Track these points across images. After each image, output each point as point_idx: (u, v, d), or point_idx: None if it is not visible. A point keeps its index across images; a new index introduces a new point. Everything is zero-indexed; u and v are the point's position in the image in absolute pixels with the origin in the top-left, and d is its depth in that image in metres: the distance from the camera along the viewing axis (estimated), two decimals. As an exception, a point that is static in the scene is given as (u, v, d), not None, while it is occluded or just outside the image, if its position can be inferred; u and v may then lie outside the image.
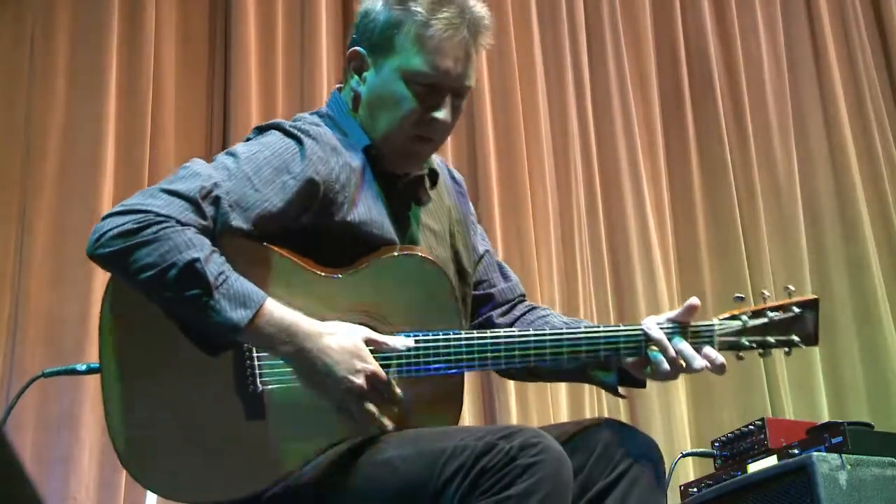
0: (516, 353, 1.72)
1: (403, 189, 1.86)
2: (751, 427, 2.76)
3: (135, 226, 1.58)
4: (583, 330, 1.76)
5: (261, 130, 1.81)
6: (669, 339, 1.74)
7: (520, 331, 1.76)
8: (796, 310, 1.84)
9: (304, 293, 1.68)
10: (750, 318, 1.81)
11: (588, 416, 3.80)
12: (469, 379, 2.41)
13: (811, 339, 1.85)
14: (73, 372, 2.36)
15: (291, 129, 1.77)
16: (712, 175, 4.47)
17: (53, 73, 3.51)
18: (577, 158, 4.25)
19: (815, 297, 1.87)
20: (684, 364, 1.74)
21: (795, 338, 1.84)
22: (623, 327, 1.77)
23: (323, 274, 1.71)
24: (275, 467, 1.63)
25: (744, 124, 4.57)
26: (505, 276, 2.03)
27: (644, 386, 1.87)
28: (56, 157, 3.43)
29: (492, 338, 1.72)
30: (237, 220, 1.65)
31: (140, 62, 3.59)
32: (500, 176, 4.04)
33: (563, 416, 3.74)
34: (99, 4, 3.58)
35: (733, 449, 2.80)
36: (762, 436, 2.71)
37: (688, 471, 3.70)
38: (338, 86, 1.94)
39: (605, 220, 4.23)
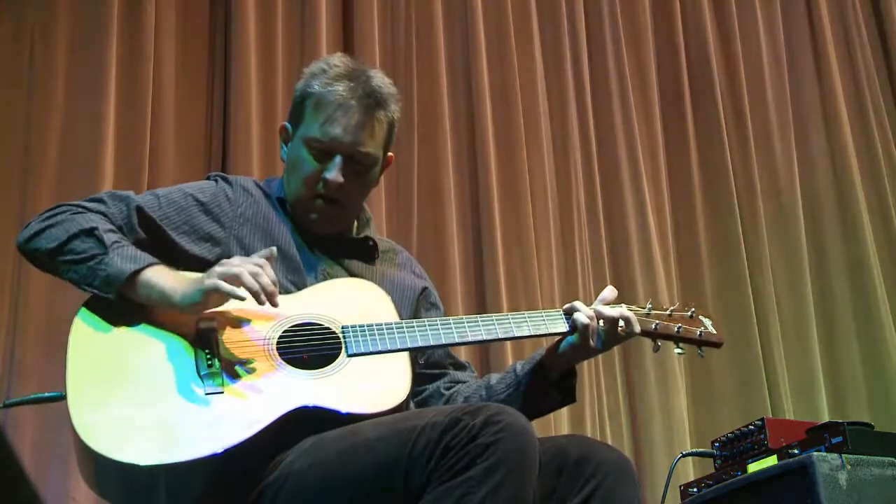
0: (453, 329, 1.93)
1: (327, 245, 2.09)
2: (751, 427, 2.76)
3: (49, 213, 1.93)
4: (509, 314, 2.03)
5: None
6: None
7: (454, 318, 1.99)
8: (691, 310, 2.15)
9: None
10: (652, 308, 2.11)
11: (588, 415, 3.80)
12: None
13: (714, 338, 2.14)
14: (37, 401, 2.28)
15: (214, 175, 2.13)
16: (712, 175, 4.46)
17: (53, 73, 3.51)
18: (577, 158, 4.24)
19: (708, 311, 2.21)
20: (600, 319, 1.98)
21: (698, 330, 2.12)
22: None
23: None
24: (242, 429, 1.69)
25: (744, 124, 4.57)
26: (459, 366, 2.23)
27: (573, 399, 2.09)
28: (56, 157, 3.42)
29: (429, 320, 1.95)
30: (140, 219, 1.96)
31: (140, 62, 3.58)
32: (500, 176, 4.04)
33: (563, 416, 3.74)
34: (99, 4, 3.58)
35: (733, 449, 2.80)
36: (762, 436, 2.70)
37: (688, 471, 3.70)
38: None
39: (605, 220, 4.23)
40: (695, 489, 2.87)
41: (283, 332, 1.86)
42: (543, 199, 4.09)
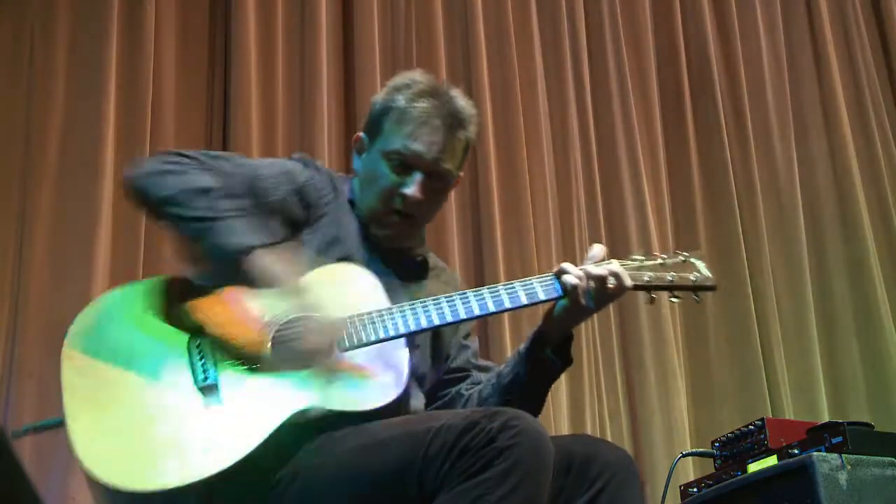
0: (444, 307, 1.91)
1: (389, 256, 2.07)
2: (751, 427, 2.76)
3: (174, 159, 1.88)
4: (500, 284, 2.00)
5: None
6: None
7: (445, 296, 1.95)
8: (684, 255, 2.16)
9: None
10: (645, 259, 2.11)
11: (588, 415, 3.80)
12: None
13: (708, 281, 2.13)
14: (38, 429, 2.18)
15: (305, 161, 2.10)
16: (712, 175, 4.46)
17: (53, 73, 3.51)
18: (577, 158, 4.25)
19: (701, 251, 2.20)
20: (590, 279, 1.96)
21: (692, 276, 2.11)
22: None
23: None
24: (240, 443, 1.68)
25: (744, 124, 4.57)
26: (483, 369, 2.21)
27: (570, 360, 2.06)
28: (56, 157, 3.43)
29: (421, 302, 1.92)
30: (252, 190, 1.91)
31: (140, 62, 3.58)
32: (500, 176, 4.04)
33: (563, 415, 3.74)
34: (99, 4, 3.58)
35: (733, 449, 2.80)
36: (762, 436, 2.71)
37: (688, 471, 3.70)
38: None
39: (605, 220, 4.23)
40: (695, 489, 2.87)
41: (277, 330, 1.83)
42: (543, 199, 4.09)
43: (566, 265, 1.98)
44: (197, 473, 1.64)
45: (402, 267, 2.10)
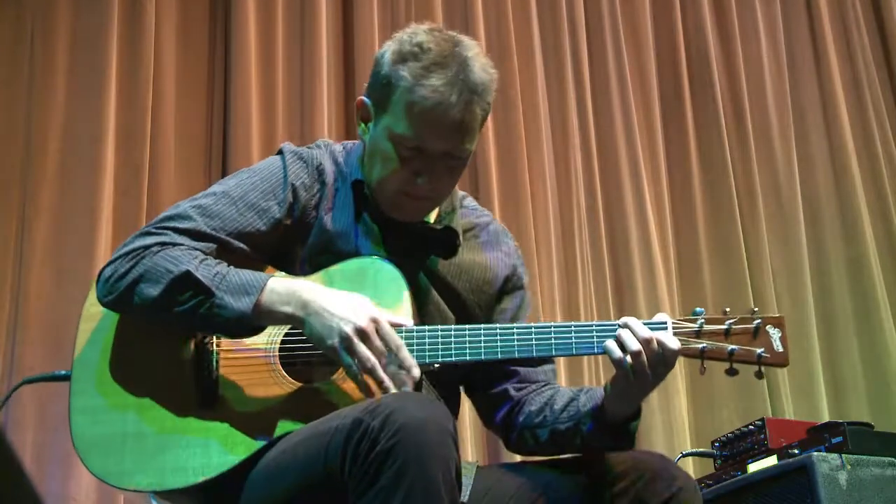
0: (481, 341, 1.73)
1: (405, 237, 1.88)
2: (751, 427, 2.77)
3: (129, 264, 1.72)
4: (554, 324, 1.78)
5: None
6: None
7: (485, 327, 1.77)
8: (757, 322, 1.83)
9: None
10: (706, 322, 1.79)
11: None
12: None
13: (779, 357, 1.85)
14: (54, 378, 2.29)
15: (288, 151, 1.90)
16: (712, 175, 4.47)
17: (53, 72, 3.51)
18: (577, 158, 4.25)
19: (781, 315, 1.89)
20: (634, 344, 1.71)
21: (758, 350, 1.82)
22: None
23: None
24: (223, 456, 1.68)
25: (744, 124, 4.57)
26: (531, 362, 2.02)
27: (632, 445, 1.85)
28: (56, 157, 3.43)
29: (443, 329, 1.74)
30: (220, 234, 1.78)
31: (140, 62, 3.58)
32: (500, 176, 4.04)
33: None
34: (99, 4, 3.58)
35: (733, 449, 2.81)
36: (762, 436, 2.71)
37: (688, 471, 3.67)
38: None
39: (605, 220, 4.23)
40: (695, 489, 2.87)
41: (286, 334, 1.79)
42: (543, 199, 4.09)
43: (626, 329, 1.74)
44: (165, 482, 1.67)
45: (425, 246, 1.90)
